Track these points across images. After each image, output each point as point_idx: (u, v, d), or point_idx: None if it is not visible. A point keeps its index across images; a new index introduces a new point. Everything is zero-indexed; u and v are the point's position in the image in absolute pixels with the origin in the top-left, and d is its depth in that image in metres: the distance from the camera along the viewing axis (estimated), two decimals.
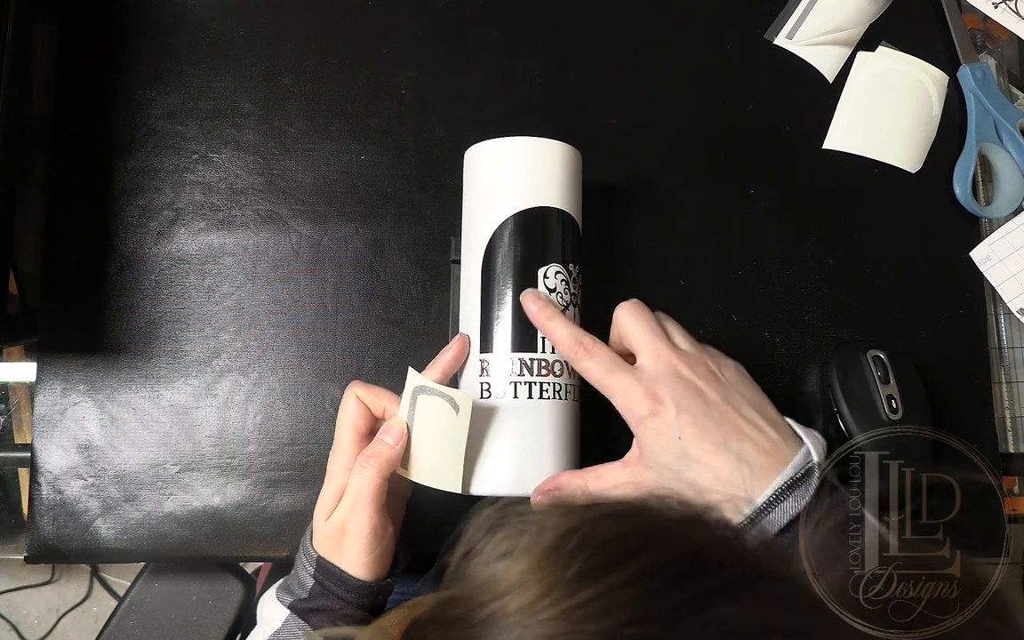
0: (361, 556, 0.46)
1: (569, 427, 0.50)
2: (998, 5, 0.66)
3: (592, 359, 0.46)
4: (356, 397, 0.48)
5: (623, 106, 0.62)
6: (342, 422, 0.49)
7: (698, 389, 0.45)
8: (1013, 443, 0.61)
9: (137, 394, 0.56)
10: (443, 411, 0.47)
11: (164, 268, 0.58)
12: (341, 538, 0.47)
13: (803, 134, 0.62)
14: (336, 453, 0.48)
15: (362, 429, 0.48)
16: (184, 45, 0.61)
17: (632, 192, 0.60)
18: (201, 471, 0.56)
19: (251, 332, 0.57)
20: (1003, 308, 0.61)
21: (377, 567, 0.47)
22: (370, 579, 0.47)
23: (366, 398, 0.49)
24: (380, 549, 0.47)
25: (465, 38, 0.62)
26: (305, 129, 0.60)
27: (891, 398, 0.55)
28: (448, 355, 0.50)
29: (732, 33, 0.63)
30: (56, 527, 0.55)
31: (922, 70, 0.64)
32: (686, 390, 0.45)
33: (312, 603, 0.47)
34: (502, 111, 0.61)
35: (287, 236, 0.59)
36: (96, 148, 0.59)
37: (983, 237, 0.61)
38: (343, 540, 0.47)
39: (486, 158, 0.51)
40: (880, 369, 0.56)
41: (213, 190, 0.59)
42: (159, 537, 0.55)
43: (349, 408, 0.48)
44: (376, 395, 0.49)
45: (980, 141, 0.62)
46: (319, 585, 0.47)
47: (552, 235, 0.50)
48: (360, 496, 0.46)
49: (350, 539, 0.46)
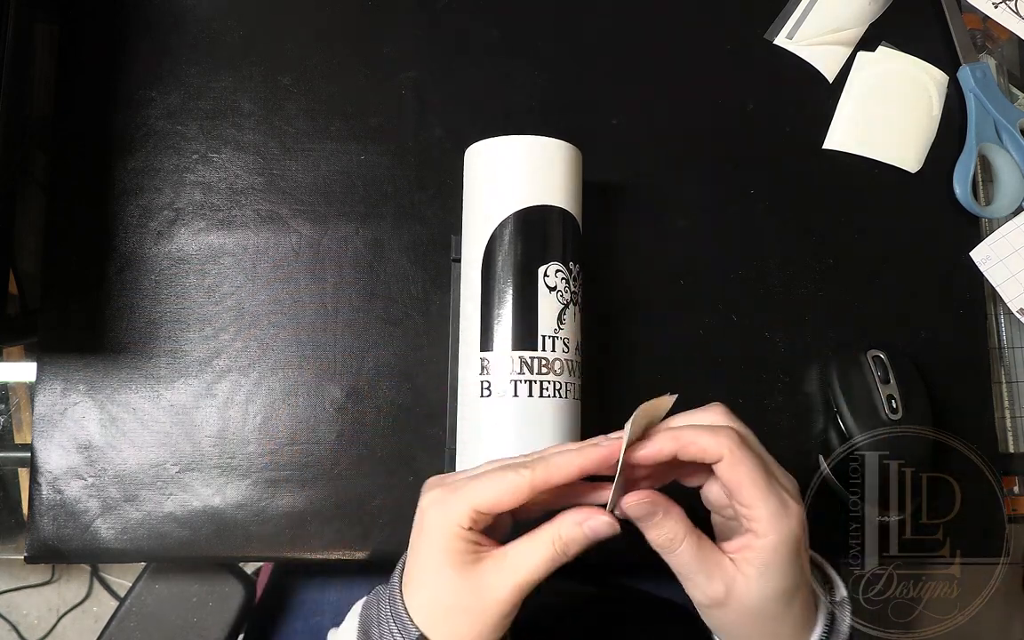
0: (495, 631, 0.39)
1: (569, 426, 0.50)
2: (998, 5, 0.66)
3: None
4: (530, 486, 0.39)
5: (623, 106, 0.62)
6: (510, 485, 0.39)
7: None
8: (1013, 443, 0.61)
9: (137, 394, 0.56)
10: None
11: (164, 268, 0.58)
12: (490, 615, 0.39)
13: (803, 134, 0.62)
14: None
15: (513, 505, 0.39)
16: (184, 45, 0.61)
17: (632, 192, 0.60)
18: (201, 471, 0.56)
19: (251, 332, 0.57)
20: (1003, 308, 0.61)
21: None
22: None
23: (549, 481, 0.39)
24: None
25: (465, 38, 0.62)
26: (305, 129, 0.60)
27: (891, 398, 0.55)
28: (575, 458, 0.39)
29: (732, 33, 0.63)
30: (56, 527, 0.55)
31: (922, 70, 0.64)
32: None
33: None
34: (502, 111, 0.61)
35: (287, 236, 0.59)
36: (96, 148, 0.59)
37: (983, 237, 0.61)
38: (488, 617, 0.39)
39: (486, 157, 0.51)
40: (880, 369, 0.56)
41: (213, 190, 0.59)
42: (159, 537, 0.55)
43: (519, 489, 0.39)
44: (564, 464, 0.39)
45: (980, 141, 0.62)
46: None
47: (553, 233, 0.50)
48: (539, 572, 0.39)
49: (494, 612, 0.39)
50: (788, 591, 0.39)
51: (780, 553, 0.38)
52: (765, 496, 0.38)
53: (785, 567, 0.38)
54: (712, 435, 0.38)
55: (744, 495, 0.38)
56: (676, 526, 0.39)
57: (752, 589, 0.38)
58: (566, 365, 0.49)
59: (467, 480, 0.40)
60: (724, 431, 0.38)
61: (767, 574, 0.38)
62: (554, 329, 0.49)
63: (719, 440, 0.38)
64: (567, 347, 0.50)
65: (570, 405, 0.50)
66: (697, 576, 0.39)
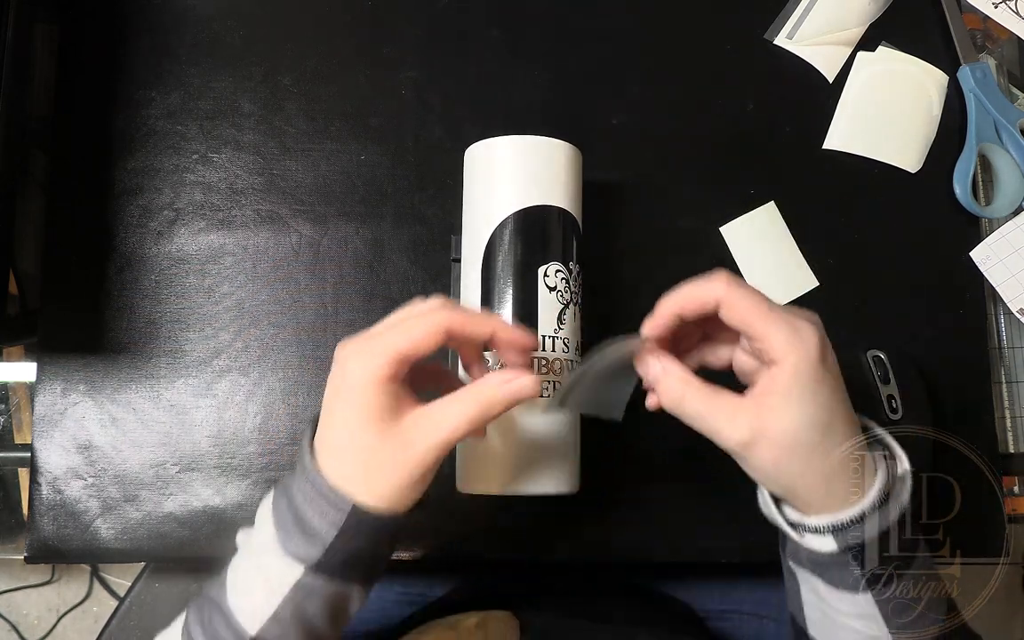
0: (416, 489, 0.39)
1: (570, 425, 0.50)
2: (998, 5, 0.66)
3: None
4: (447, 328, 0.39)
5: (623, 106, 0.62)
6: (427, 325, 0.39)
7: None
8: (1013, 443, 0.61)
9: (137, 394, 0.56)
10: (619, 360, 0.42)
11: (164, 268, 0.58)
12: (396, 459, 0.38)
13: (803, 134, 0.62)
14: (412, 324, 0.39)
15: (431, 348, 0.39)
16: (184, 45, 0.61)
17: (632, 192, 0.60)
18: (201, 471, 0.56)
19: (251, 332, 0.57)
20: (1003, 308, 0.61)
21: (419, 496, 0.40)
22: (408, 509, 0.40)
23: (464, 328, 0.39)
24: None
25: (465, 38, 0.62)
26: (305, 129, 0.60)
27: (891, 398, 0.55)
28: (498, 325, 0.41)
29: (732, 33, 0.63)
30: (56, 527, 0.55)
31: (922, 70, 0.64)
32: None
33: (334, 556, 0.39)
34: (502, 111, 0.61)
35: (287, 236, 0.59)
36: (96, 148, 0.59)
37: (983, 237, 0.61)
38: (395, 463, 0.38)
39: (486, 157, 0.51)
40: (880, 369, 0.56)
41: (213, 190, 0.59)
42: (159, 537, 0.55)
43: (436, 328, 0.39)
44: (483, 322, 0.40)
45: (980, 141, 0.62)
46: (345, 535, 0.39)
47: (553, 233, 0.50)
48: (460, 431, 0.38)
49: (415, 468, 0.38)
50: (821, 420, 0.38)
51: (801, 375, 0.37)
52: (773, 321, 0.38)
53: (810, 390, 0.38)
54: (706, 280, 0.40)
55: (753, 328, 0.38)
56: (676, 382, 0.40)
57: (780, 419, 0.38)
58: (566, 365, 0.49)
59: (385, 329, 0.40)
60: (716, 274, 0.39)
61: (791, 399, 0.38)
62: (554, 329, 0.49)
63: (713, 283, 0.39)
64: (567, 347, 0.50)
65: None
66: (717, 422, 0.39)
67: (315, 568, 0.39)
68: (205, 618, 0.41)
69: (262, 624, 0.39)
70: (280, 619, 0.39)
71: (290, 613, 0.39)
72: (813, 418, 0.38)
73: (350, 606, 0.41)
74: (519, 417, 0.48)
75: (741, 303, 0.39)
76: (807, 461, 0.38)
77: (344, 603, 0.41)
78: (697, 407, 0.39)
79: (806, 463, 0.38)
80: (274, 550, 0.39)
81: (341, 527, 0.38)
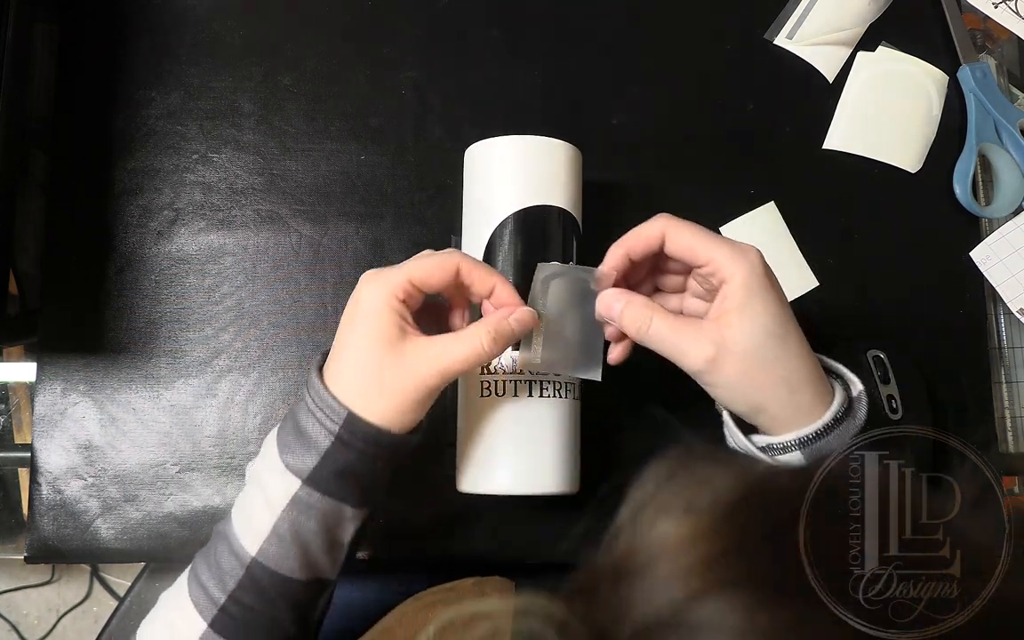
0: (414, 411, 0.42)
1: (570, 425, 0.50)
2: (998, 5, 0.66)
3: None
4: (458, 267, 0.43)
5: (623, 106, 0.62)
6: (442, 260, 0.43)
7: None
8: (1013, 443, 0.61)
9: (137, 394, 0.56)
10: (580, 294, 0.45)
11: (164, 268, 0.58)
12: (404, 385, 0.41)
13: (803, 134, 0.62)
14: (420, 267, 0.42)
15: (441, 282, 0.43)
16: (184, 45, 0.61)
17: (632, 192, 0.60)
18: (201, 471, 0.56)
19: (251, 332, 0.57)
20: (1003, 308, 0.61)
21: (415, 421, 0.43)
22: (404, 432, 0.42)
23: (471, 273, 0.43)
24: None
25: (465, 38, 0.62)
26: (305, 129, 0.60)
27: (891, 398, 0.55)
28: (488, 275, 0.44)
29: (732, 33, 0.63)
30: (56, 527, 0.55)
31: (922, 70, 0.64)
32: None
33: (329, 466, 0.41)
34: (502, 111, 0.61)
35: (287, 236, 0.59)
36: (96, 148, 0.59)
37: (983, 237, 0.61)
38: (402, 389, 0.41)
39: (486, 157, 0.51)
40: (880, 369, 0.56)
41: (213, 190, 0.59)
42: (159, 537, 0.55)
43: (449, 264, 0.43)
44: (488, 275, 0.44)
45: (980, 141, 0.62)
46: (340, 443, 0.41)
47: (553, 234, 0.50)
48: (462, 361, 0.41)
49: (415, 391, 0.41)
50: (776, 331, 0.41)
51: (752, 287, 0.41)
52: (717, 244, 0.42)
53: (761, 300, 0.41)
54: (647, 222, 0.44)
55: (698, 253, 0.42)
56: (641, 309, 0.43)
57: (740, 330, 0.40)
58: None
59: (402, 263, 0.43)
60: (656, 216, 0.44)
61: (746, 311, 0.40)
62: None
63: (655, 221, 0.44)
64: None
65: (570, 405, 0.50)
66: (683, 344, 0.42)
67: (310, 480, 0.41)
68: (210, 553, 0.43)
69: (261, 542, 0.41)
70: (279, 534, 0.41)
71: (287, 529, 0.41)
72: (769, 328, 0.41)
73: (343, 531, 0.43)
74: (519, 416, 0.48)
75: (684, 232, 0.43)
76: (770, 371, 0.41)
77: (338, 525, 0.42)
78: (662, 331, 0.42)
79: (769, 372, 0.41)
80: (274, 467, 0.42)
81: (336, 434, 0.41)
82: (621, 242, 0.45)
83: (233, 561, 0.42)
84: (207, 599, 0.42)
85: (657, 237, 0.43)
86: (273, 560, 0.41)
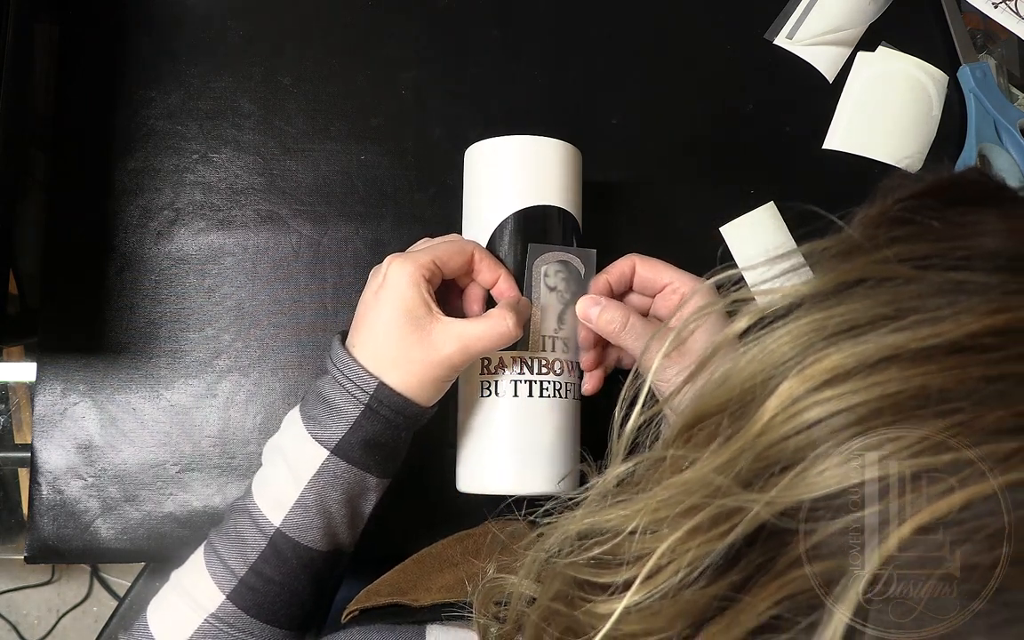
0: (436, 386, 0.45)
1: (570, 425, 0.50)
2: (998, 5, 0.66)
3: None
4: (472, 253, 0.47)
5: (623, 106, 0.62)
6: (462, 246, 0.47)
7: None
8: None
9: (137, 394, 0.56)
10: (572, 280, 0.49)
11: (164, 268, 0.58)
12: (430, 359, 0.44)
13: (803, 134, 0.62)
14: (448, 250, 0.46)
15: (459, 266, 0.47)
16: (184, 45, 0.61)
17: (632, 192, 0.60)
18: (201, 471, 0.56)
19: (251, 332, 0.57)
20: None
21: (435, 397, 0.46)
22: (428, 404, 0.46)
23: (482, 262, 0.47)
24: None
25: (465, 38, 0.62)
26: (305, 129, 0.60)
27: None
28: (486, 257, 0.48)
29: (732, 33, 0.63)
30: (56, 527, 0.55)
31: (922, 70, 0.64)
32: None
33: (357, 434, 0.43)
34: (502, 111, 0.61)
35: (287, 236, 0.59)
36: (96, 148, 0.59)
37: None
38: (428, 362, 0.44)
39: (486, 157, 0.51)
40: None
41: (213, 190, 0.59)
42: (159, 537, 0.55)
43: (467, 249, 0.47)
44: (495, 266, 0.48)
45: (980, 141, 0.62)
46: (370, 411, 0.43)
47: (553, 234, 0.50)
48: (486, 340, 0.44)
49: (439, 366, 0.44)
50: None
51: (706, 294, 0.46)
52: (676, 270, 0.49)
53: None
54: (620, 259, 0.50)
55: (662, 275, 0.49)
56: (617, 310, 0.47)
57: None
58: (566, 365, 0.49)
59: (422, 247, 0.48)
60: (627, 255, 0.50)
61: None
62: (554, 329, 0.49)
63: (626, 258, 0.50)
64: (567, 347, 0.50)
65: (570, 405, 0.50)
66: (654, 343, 0.45)
67: (338, 449, 0.43)
68: (228, 527, 0.44)
69: (287, 512, 0.43)
70: (304, 505, 0.43)
71: (313, 499, 0.43)
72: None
73: (365, 501, 0.45)
74: (519, 416, 0.48)
75: (652, 262, 0.50)
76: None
77: (360, 495, 0.45)
78: (640, 330, 0.47)
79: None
80: (301, 439, 0.44)
81: (366, 404, 0.43)
82: (603, 272, 0.50)
83: (255, 533, 0.43)
84: (226, 571, 0.43)
85: (630, 267, 0.50)
86: (297, 531, 0.43)
